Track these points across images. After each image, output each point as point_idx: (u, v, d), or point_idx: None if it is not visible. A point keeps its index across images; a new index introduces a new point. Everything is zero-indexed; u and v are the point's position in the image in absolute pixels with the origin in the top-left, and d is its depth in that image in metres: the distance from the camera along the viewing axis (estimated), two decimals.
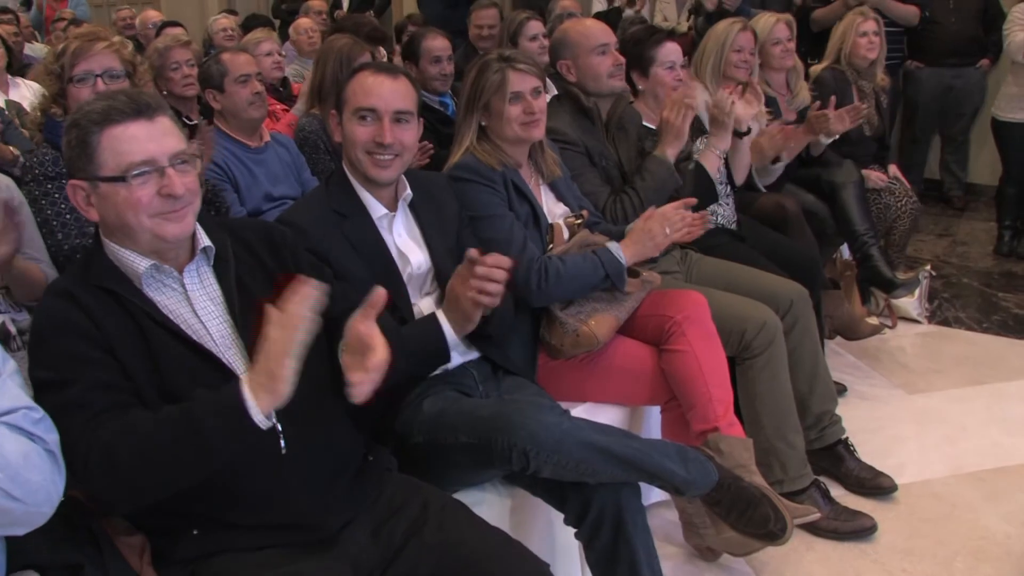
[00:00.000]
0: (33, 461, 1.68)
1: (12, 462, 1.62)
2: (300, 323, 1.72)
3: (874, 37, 4.91)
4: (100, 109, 1.97)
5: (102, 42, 3.07)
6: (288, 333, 1.72)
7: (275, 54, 5.20)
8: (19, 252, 2.66)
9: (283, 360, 1.72)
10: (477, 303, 2.37)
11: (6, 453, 1.63)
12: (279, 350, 1.73)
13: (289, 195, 3.73)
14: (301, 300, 1.73)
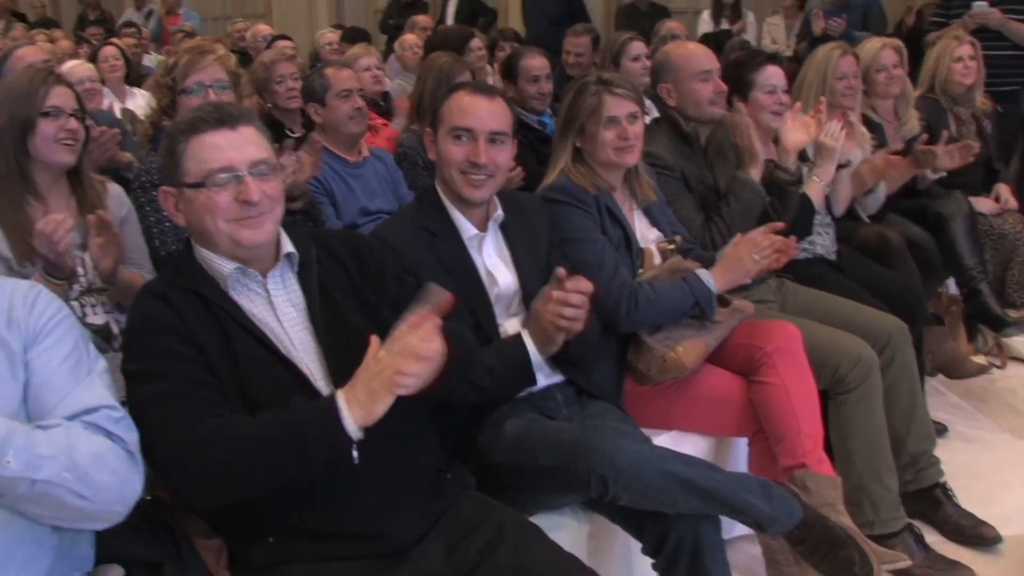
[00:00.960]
0: (106, 461, 1.74)
1: (81, 463, 1.69)
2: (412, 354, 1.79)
3: (970, 62, 4.73)
4: (188, 119, 2.07)
5: (210, 55, 3.22)
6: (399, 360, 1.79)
7: (374, 69, 5.28)
8: (123, 263, 2.78)
9: (390, 386, 1.80)
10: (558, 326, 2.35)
11: (78, 454, 1.69)
12: (387, 374, 1.80)
13: (385, 209, 3.78)
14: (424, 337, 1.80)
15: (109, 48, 6.13)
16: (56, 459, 1.66)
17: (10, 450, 1.60)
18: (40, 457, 1.64)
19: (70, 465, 1.67)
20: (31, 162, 2.74)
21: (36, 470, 1.63)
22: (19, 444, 1.62)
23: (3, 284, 1.90)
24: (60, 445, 1.68)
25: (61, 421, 1.74)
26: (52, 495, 1.66)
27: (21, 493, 1.64)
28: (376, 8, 11.82)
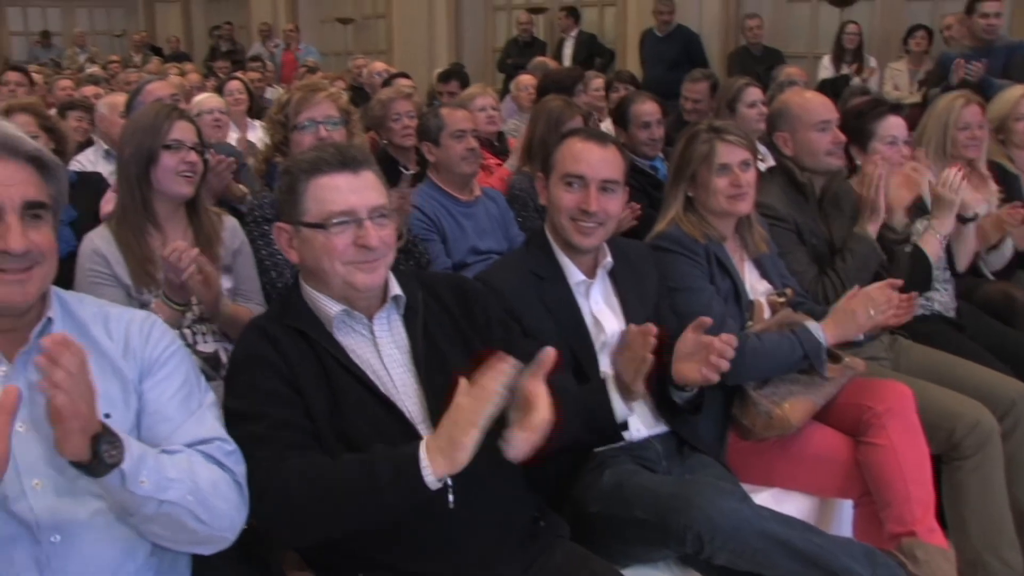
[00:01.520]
0: (221, 489, 1.81)
1: (203, 488, 1.76)
2: (491, 398, 1.77)
3: None
4: (310, 159, 2.11)
5: (322, 92, 3.31)
6: (478, 405, 1.77)
7: (489, 109, 5.33)
8: (237, 295, 2.88)
9: (468, 430, 1.77)
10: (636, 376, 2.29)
11: (199, 479, 1.76)
12: (466, 420, 1.78)
13: (495, 249, 3.80)
14: (495, 376, 1.78)
15: (234, 83, 6.42)
16: (182, 482, 1.73)
17: (144, 470, 1.67)
18: (168, 479, 1.71)
19: (193, 489, 1.74)
20: (152, 192, 2.85)
21: (164, 491, 1.70)
22: (151, 465, 1.69)
23: (121, 314, 1.96)
24: (185, 469, 1.75)
25: (182, 448, 1.81)
26: (175, 516, 1.73)
27: (148, 513, 1.70)
28: (495, 47, 11.99)
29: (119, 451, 1.63)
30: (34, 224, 1.75)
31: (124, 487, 1.65)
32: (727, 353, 2.28)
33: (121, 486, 1.65)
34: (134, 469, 1.65)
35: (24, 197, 1.73)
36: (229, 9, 17.60)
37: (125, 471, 1.64)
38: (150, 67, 10.85)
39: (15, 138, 1.76)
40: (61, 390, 1.53)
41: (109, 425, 1.64)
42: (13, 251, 1.70)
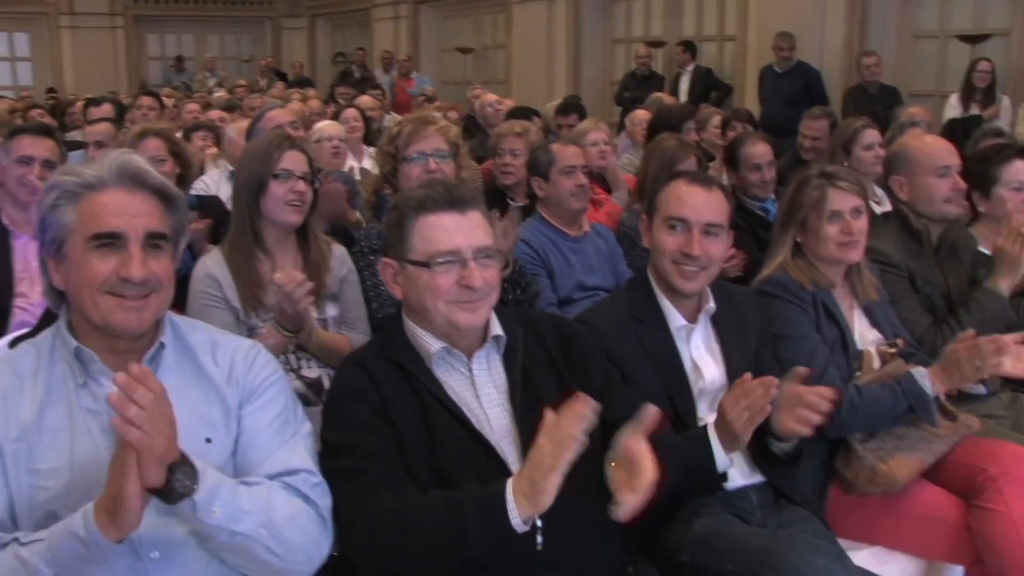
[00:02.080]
0: (300, 523, 1.85)
1: (277, 521, 1.80)
2: (571, 443, 1.76)
3: None
4: (418, 197, 2.14)
5: (432, 125, 3.35)
6: (558, 450, 1.77)
7: (601, 144, 5.32)
8: (343, 324, 2.93)
9: (549, 475, 1.77)
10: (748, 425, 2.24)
11: (275, 513, 1.81)
12: (547, 464, 1.78)
13: (602, 286, 3.79)
14: (575, 419, 1.78)
15: (350, 110, 6.55)
16: (255, 515, 1.78)
17: (217, 501, 1.72)
18: (242, 511, 1.76)
19: (267, 522, 1.78)
20: (262, 220, 2.93)
21: (237, 523, 1.75)
22: (225, 496, 1.74)
23: (228, 341, 2.04)
24: (260, 502, 1.80)
25: (263, 480, 1.86)
26: (247, 547, 1.78)
27: (221, 541, 1.76)
28: (613, 80, 11.99)
29: (193, 481, 1.69)
30: (154, 254, 1.84)
31: (196, 516, 1.71)
32: (821, 406, 2.23)
33: (193, 514, 1.71)
34: (207, 499, 1.71)
35: (147, 228, 1.83)
36: (352, 36, 18.10)
37: (197, 501, 1.70)
38: (274, 92, 11.18)
39: (142, 171, 1.86)
40: (134, 426, 1.59)
41: (188, 456, 1.70)
42: (133, 279, 1.79)
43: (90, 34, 17.70)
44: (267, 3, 19.54)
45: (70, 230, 1.82)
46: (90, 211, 1.81)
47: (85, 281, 1.81)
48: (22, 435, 1.81)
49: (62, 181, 1.84)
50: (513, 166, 4.63)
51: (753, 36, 9.90)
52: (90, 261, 1.80)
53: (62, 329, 1.90)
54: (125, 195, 1.83)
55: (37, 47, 17.90)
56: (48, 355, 1.90)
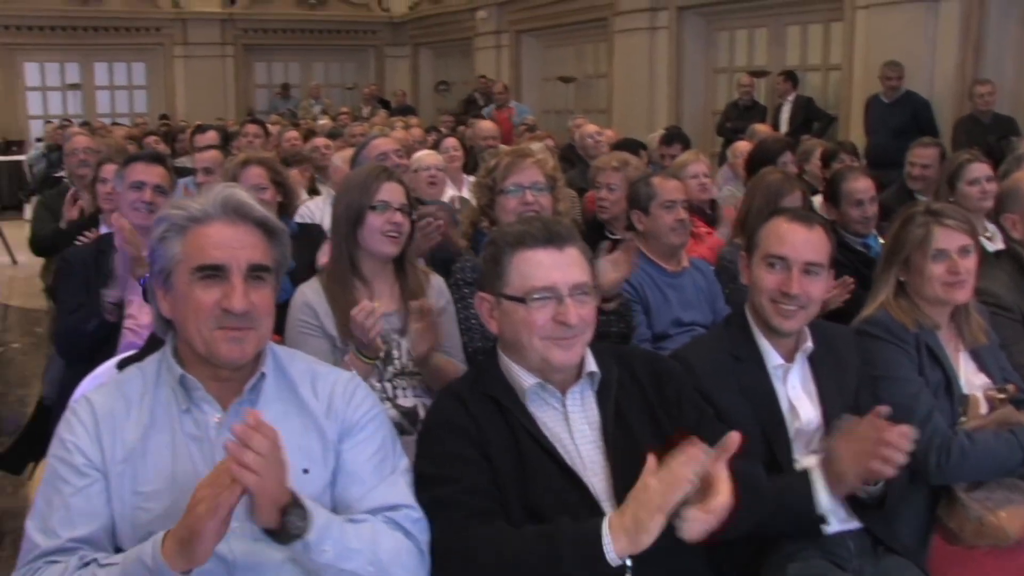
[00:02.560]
0: (402, 558, 1.88)
1: (383, 558, 1.84)
2: (682, 485, 1.75)
3: None
4: (516, 232, 2.15)
5: (529, 158, 3.38)
6: (667, 490, 1.76)
7: (702, 176, 5.28)
8: (437, 349, 2.92)
9: (655, 515, 1.76)
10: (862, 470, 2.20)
11: (380, 550, 1.84)
12: (654, 503, 1.76)
13: (699, 322, 3.73)
14: (687, 462, 1.76)
15: (450, 139, 6.61)
16: (363, 553, 1.82)
17: (328, 540, 1.77)
18: (350, 550, 1.80)
19: (373, 559, 1.83)
20: (359, 250, 2.97)
21: (346, 560, 1.80)
22: (335, 536, 1.78)
23: (328, 373, 2.07)
24: (367, 540, 1.84)
25: (368, 516, 1.90)
26: None
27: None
28: (715, 109, 11.89)
29: (305, 522, 1.73)
30: (256, 285, 1.88)
31: (307, 555, 1.75)
32: (902, 446, 2.17)
33: (305, 554, 1.75)
34: (318, 539, 1.75)
35: (250, 260, 1.88)
36: (455, 65, 18.34)
37: (309, 541, 1.74)
38: (376, 120, 11.38)
39: (245, 204, 1.91)
40: (250, 471, 1.62)
41: (299, 497, 1.74)
42: (235, 310, 1.84)
43: (202, 63, 18.33)
44: (371, 32, 19.94)
45: (176, 261, 1.88)
46: (195, 243, 1.87)
47: (190, 311, 1.87)
48: (127, 457, 1.87)
49: (170, 214, 1.91)
50: (609, 200, 4.61)
51: (859, 65, 9.69)
52: (194, 292, 1.86)
53: (168, 355, 1.96)
54: (229, 228, 1.88)
55: (152, 76, 18.61)
56: (154, 380, 1.96)
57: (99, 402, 1.92)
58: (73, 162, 6.03)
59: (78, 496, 1.84)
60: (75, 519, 1.83)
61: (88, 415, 1.90)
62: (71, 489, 1.85)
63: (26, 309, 8.51)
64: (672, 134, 7.09)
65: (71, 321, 3.53)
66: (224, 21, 18.54)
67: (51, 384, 4.25)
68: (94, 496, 1.85)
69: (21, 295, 8.94)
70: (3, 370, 6.88)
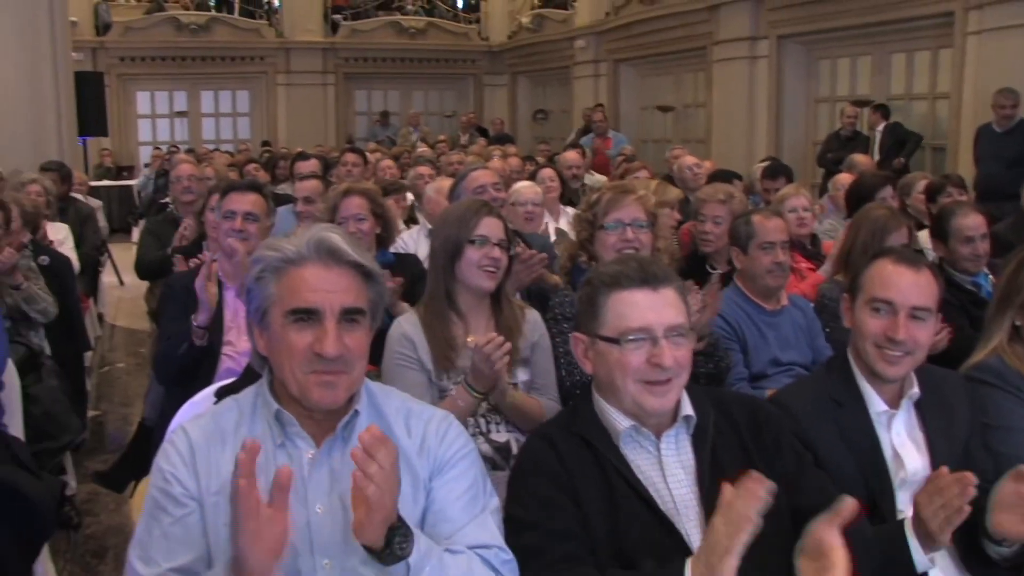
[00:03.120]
0: None
1: None
2: (746, 525, 1.69)
3: None
4: (612, 272, 2.12)
5: (631, 195, 3.35)
6: (734, 532, 1.70)
7: (801, 211, 5.17)
8: (533, 389, 2.94)
9: (725, 558, 1.70)
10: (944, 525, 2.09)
11: None
12: (722, 546, 1.72)
13: (798, 362, 3.65)
14: (749, 500, 1.71)
15: (547, 170, 6.57)
16: None
17: (428, 566, 1.77)
18: None
19: None
20: (456, 283, 2.97)
21: None
22: (435, 563, 1.78)
23: (422, 411, 2.07)
24: (464, 571, 1.83)
25: (464, 548, 1.88)
26: None
27: None
28: (815, 139, 11.70)
29: (409, 544, 1.74)
30: (350, 328, 1.88)
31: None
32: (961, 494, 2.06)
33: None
34: (419, 563, 1.75)
35: (343, 304, 1.88)
36: (553, 94, 18.43)
37: (411, 564, 1.74)
38: (475, 149, 11.46)
39: (339, 247, 1.91)
40: (374, 483, 1.64)
41: (404, 518, 1.74)
42: (327, 355, 1.84)
43: (303, 91, 18.77)
44: (470, 61, 20.17)
45: (272, 302, 1.90)
46: (289, 286, 1.88)
47: (284, 353, 1.88)
48: (222, 489, 1.87)
49: (265, 255, 1.92)
50: (714, 234, 4.54)
51: (969, 93, 9.43)
52: (288, 334, 1.87)
53: (264, 389, 1.98)
54: (323, 271, 1.89)
55: (256, 103, 19.12)
56: (250, 413, 1.97)
57: (196, 433, 1.95)
58: (178, 189, 6.19)
59: (176, 526, 1.87)
60: (174, 548, 1.85)
61: (185, 446, 1.93)
62: (170, 519, 1.87)
63: (131, 329, 8.78)
64: (775, 167, 6.95)
65: (166, 347, 3.61)
66: (326, 50, 18.96)
67: (152, 406, 4.35)
68: (192, 526, 1.87)
69: (127, 316, 9.21)
70: (108, 389, 7.06)
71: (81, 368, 5.72)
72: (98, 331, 7.98)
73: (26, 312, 4.64)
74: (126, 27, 17.98)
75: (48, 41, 9.93)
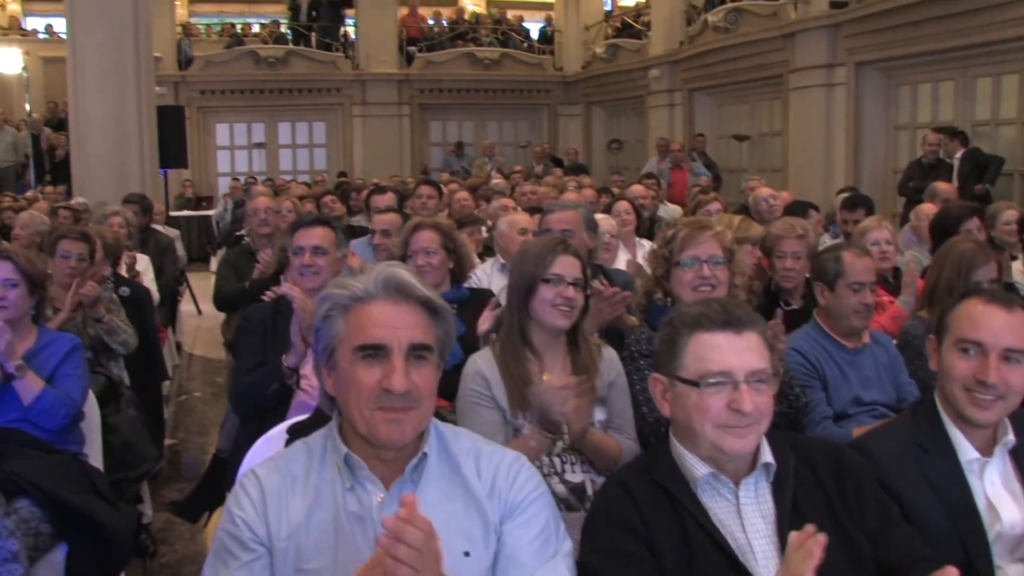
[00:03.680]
0: None
1: None
2: None
3: None
4: (694, 314, 2.08)
5: (708, 231, 3.27)
6: None
7: (883, 244, 5.03)
8: (610, 428, 2.90)
9: None
10: None
11: None
12: None
13: (881, 401, 3.53)
14: (806, 557, 1.69)
15: (623, 203, 6.49)
16: None
17: None
18: None
19: None
20: (530, 321, 2.94)
21: None
22: None
23: (493, 453, 2.03)
24: None
25: None
26: None
27: None
28: (896, 168, 11.47)
29: None
30: (417, 365, 1.87)
31: None
32: None
33: None
34: None
35: (411, 340, 1.86)
36: (627, 124, 18.42)
37: None
38: (550, 179, 11.45)
39: (407, 283, 1.90)
40: (404, 565, 1.60)
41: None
42: (395, 390, 1.83)
43: (379, 122, 19.04)
44: (545, 91, 20.25)
45: (339, 340, 1.89)
46: (357, 323, 1.88)
47: (351, 390, 1.87)
48: (291, 534, 1.87)
49: (334, 293, 1.93)
50: (795, 270, 4.42)
51: None
52: (356, 371, 1.86)
53: (334, 432, 1.97)
54: (391, 307, 1.88)
55: (332, 134, 19.44)
56: (320, 457, 1.96)
57: (266, 478, 1.94)
58: (255, 222, 6.26)
59: (243, 570, 1.86)
60: None
61: (255, 491, 1.92)
62: (237, 563, 1.86)
63: (208, 359, 8.90)
64: (855, 199, 6.77)
65: (248, 382, 3.62)
66: (401, 82, 19.21)
67: (227, 437, 4.38)
68: (259, 571, 1.86)
69: (204, 345, 9.35)
70: (185, 417, 7.16)
71: (159, 397, 5.81)
72: (176, 360, 8.11)
73: (107, 343, 4.73)
74: (207, 61, 18.50)
75: (134, 77, 10.26)
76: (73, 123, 10.70)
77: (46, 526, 3.26)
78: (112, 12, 10.18)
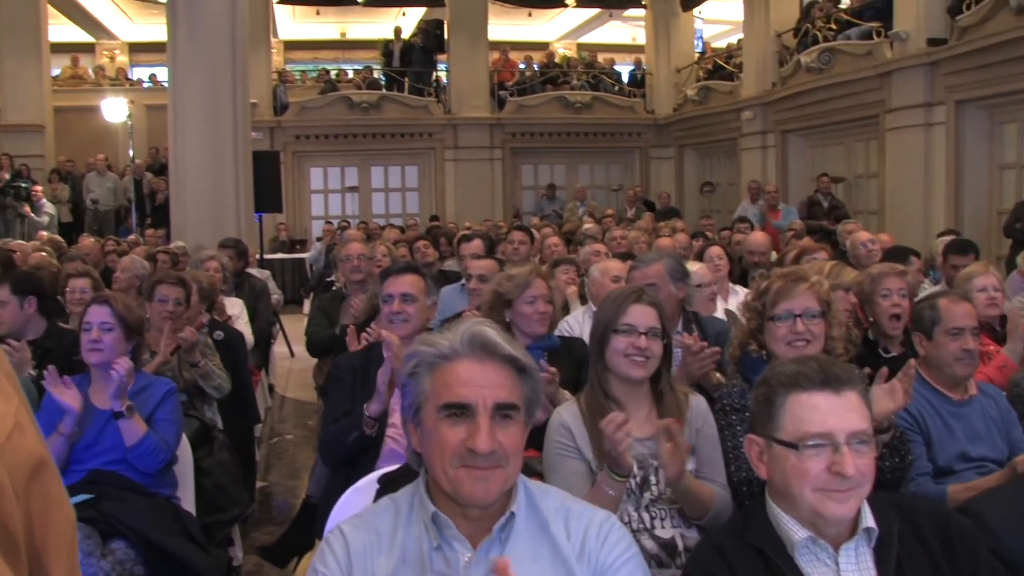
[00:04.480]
0: None
1: None
2: None
3: None
4: (790, 373, 2.02)
5: (803, 283, 3.19)
6: None
7: (990, 290, 4.81)
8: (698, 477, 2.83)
9: None
10: None
11: None
12: None
13: (990, 457, 3.36)
14: None
15: (715, 248, 6.39)
16: None
17: None
18: None
19: None
20: (607, 371, 2.91)
21: None
22: None
23: (583, 512, 1.99)
24: None
25: None
26: None
27: None
28: (1001, 209, 11.12)
29: None
30: (503, 424, 1.84)
31: None
32: None
33: None
34: None
35: (496, 399, 1.84)
36: (720, 166, 18.28)
37: None
38: (641, 223, 11.40)
39: (493, 341, 1.88)
40: None
41: None
42: (480, 451, 1.81)
43: (471, 165, 19.20)
44: (636, 134, 20.21)
45: (425, 397, 1.89)
46: (443, 381, 1.87)
47: (436, 449, 1.86)
48: None
49: (420, 351, 1.92)
50: (902, 307, 4.23)
51: None
52: (441, 430, 1.85)
53: (421, 489, 1.95)
54: (476, 366, 1.87)
55: (424, 178, 19.65)
56: (407, 515, 1.94)
57: (352, 535, 1.93)
58: (347, 267, 6.32)
59: None
60: None
61: (341, 548, 1.91)
62: None
63: (300, 401, 8.97)
64: (962, 243, 6.51)
65: (334, 430, 3.63)
66: (492, 126, 19.37)
67: (317, 483, 4.40)
68: None
69: (296, 387, 9.44)
70: (276, 460, 7.21)
71: (251, 440, 5.87)
72: (268, 402, 8.20)
73: (201, 387, 4.80)
74: (301, 106, 18.89)
75: (231, 124, 10.51)
76: (172, 168, 10.99)
77: (140, 568, 3.33)
78: (211, 60, 10.46)
